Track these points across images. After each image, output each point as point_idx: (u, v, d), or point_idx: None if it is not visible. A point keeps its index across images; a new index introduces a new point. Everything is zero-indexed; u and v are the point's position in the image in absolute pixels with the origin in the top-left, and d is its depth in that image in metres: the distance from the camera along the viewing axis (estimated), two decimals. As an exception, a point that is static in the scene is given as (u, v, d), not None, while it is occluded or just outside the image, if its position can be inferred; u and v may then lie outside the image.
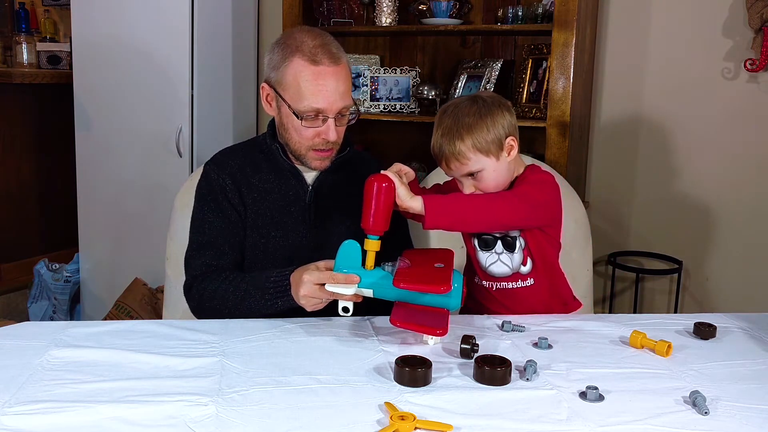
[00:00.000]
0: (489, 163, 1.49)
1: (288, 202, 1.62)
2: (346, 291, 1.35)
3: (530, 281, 1.59)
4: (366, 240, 1.36)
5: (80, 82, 3.14)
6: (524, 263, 1.58)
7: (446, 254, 1.45)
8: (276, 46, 1.56)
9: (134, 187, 3.09)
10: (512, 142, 1.51)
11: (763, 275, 2.65)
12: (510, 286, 1.59)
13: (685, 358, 1.32)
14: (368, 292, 1.37)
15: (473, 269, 1.63)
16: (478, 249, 1.59)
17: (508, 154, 1.51)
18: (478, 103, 1.51)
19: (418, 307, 1.36)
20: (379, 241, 1.37)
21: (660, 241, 2.78)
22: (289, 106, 1.52)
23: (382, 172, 1.39)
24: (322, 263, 1.40)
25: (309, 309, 1.41)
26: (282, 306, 1.44)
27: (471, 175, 1.50)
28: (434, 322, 1.32)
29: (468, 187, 1.52)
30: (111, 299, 3.07)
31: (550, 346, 1.35)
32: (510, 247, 1.56)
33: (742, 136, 2.62)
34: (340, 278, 1.35)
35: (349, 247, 1.37)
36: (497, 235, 1.56)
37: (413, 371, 1.16)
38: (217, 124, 3.12)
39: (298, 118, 1.52)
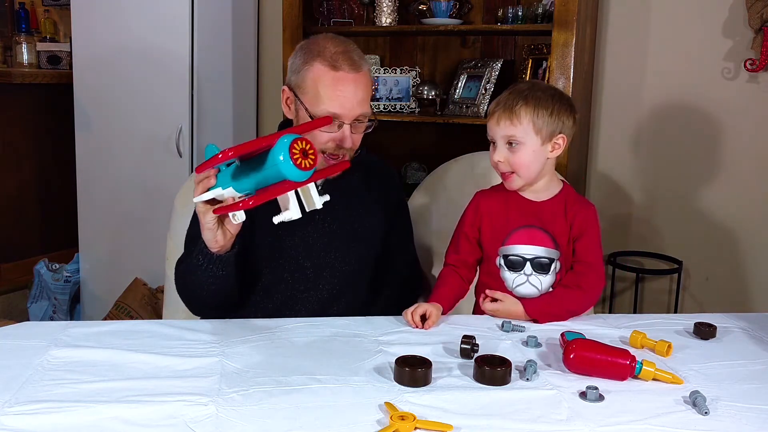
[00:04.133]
0: (533, 142, 1.51)
1: None
2: (205, 195, 1.29)
3: None
4: None
5: (80, 82, 3.14)
6: (554, 286, 1.56)
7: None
8: (299, 51, 1.57)
9: (134, 187, 3.09)
10: (561, 141, 1.55)
11: (763, 275, 2.65)
12: None
13: (685, 358, 1.32)
14: (229, 191, 1.28)
15: (492, 289, 1.58)
16: (505, 269, 1.57)
17: (552, 149, 1.54)
18: (557, 91, 1.57)
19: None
20: None
21: (660, 241, 2.78)
22: (307, 110, 1.53)
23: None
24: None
25: (209, 238, 1.37)
26: (203, 262, 1.43)
27: (510, 143, 1.52)
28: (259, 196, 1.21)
29: (499, 154, 1.53)
30: (111, 299, 3.07)
31: (539, 345, 1.35)
32: (543, 268, 1.55)
33: (742, 136, 2.63)
34: (199, 188, 1.30)
35: (210, 152, 1.32)
36: (526, 256, 1.55)
37: (413, 371, 1.16)
38: (217, 124, 3.12)
39: None
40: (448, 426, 1.01)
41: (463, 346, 1.27)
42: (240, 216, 1.29)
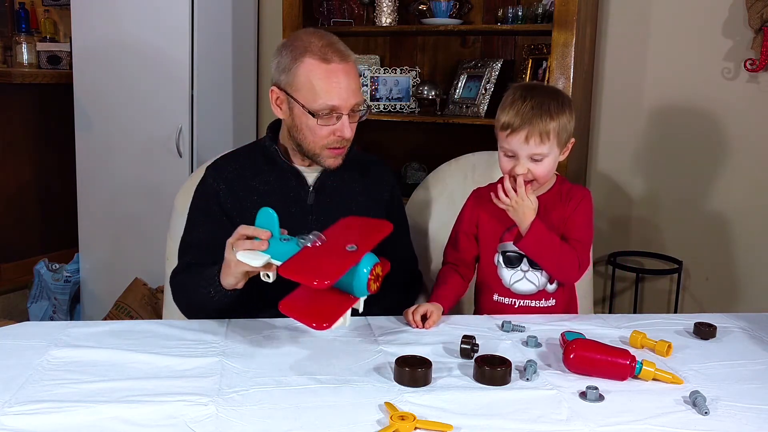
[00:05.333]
0: (555, 152, 1.52)
1: (289, 203, 1.62)
2: (255, 261, 1.30)
3: (552, 302, 1.58)
4: None
5: (80, 82, 3.14)
6: (551, 281, 1.57)
7: (376, 227, 1.37)
8: (283, 49, 1.57)
9: (134, 187, 3.09)
10: (570, 144, 1.55)
11: (763, 275, 2.65)
12: (533, 304, 1.57)
13: (685, 358, 1.32)
14: (277, 262, 1.29)
15: (491, 287, 1.60)
16: (503, 266, 1.58)
17: (565, 153, 1.55)
18: (559, 93, 1.55)
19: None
20: None
21: (660, 241, 2.78)
22: (303, 106, 1.52)
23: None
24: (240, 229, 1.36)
25: (231, 283, 1.39)
26: (215, 295, 1.44)
27: (534, 159, 1.50)
28: (326, 310, 1.20)
29: (523, 167, 1.50)
30: (111, 299, 3.07)
31: (539, 345, 1.35)
32: (537, 264, 1.55)
33: (742, 136, 2.62)
34: (246, 244, 1.31)
35: (265, 215, 1.33)
36: (523, 252, 1.55)
37: (413, 371, 1.16)
38: (217, 124, 3.12)
39: (313, 117, 1.52)
40: (448, 426, 1.01)
41: (463, 346, 1.27)
42: (273, 276, 1.31)
